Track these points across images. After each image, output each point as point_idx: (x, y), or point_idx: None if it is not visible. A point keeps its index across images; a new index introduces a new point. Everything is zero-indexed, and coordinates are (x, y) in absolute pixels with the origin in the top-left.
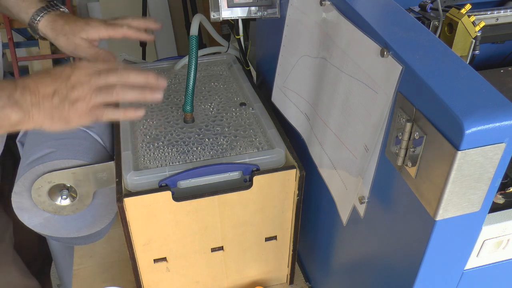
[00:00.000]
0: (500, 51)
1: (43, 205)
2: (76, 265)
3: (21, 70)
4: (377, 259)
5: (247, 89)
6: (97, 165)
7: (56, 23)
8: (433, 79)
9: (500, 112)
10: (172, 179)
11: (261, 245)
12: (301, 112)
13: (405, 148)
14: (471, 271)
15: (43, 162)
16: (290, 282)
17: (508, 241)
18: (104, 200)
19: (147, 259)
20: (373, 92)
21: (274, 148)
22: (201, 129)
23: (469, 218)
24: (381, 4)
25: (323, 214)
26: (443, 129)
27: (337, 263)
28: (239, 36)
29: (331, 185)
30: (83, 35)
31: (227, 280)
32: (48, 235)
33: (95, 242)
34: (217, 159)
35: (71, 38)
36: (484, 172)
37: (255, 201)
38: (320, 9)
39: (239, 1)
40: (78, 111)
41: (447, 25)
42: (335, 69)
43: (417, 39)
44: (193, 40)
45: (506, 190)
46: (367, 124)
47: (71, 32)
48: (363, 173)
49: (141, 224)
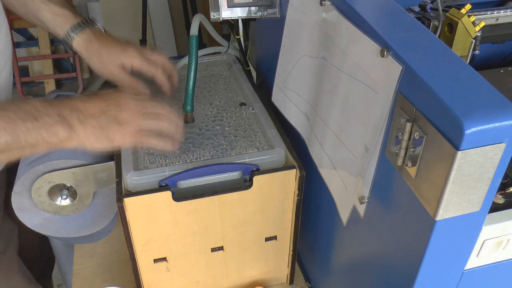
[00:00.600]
0: (500, 51)
1: (43, 205)
2: (76, 265)
3: (21, 70)
4: (377, 259)
5: (247, 89)
6: (97, 165)
7: (91, 43)
8: (433, 79)
9: (500, 112)
10: (172, 179)
11: (261, 245)
12: (301, 112)
13: (405, 148)
14: (471, 271)
15: (43, 162)
16: (290, 282)
17: (508, 241)
18: (104, 200)
19: (147, 259)
20: (373, 92)
21: (274, 148)
22: (201, 129)
23: (469, 218)
24: (381, 4)
25: (323, 214)
26: (443, 129)
27: (337, 263)
28: (239, 36)
29: (331, 185)
30: (118, 62)
31: (227, 280)
32: (48, 235)
33: (95, 242)
34: (217, 159)
35: (106, 64)
36: (484, 172)
37: (255, 201)
38: (320, 9)
39: (239, 1)
40: (124, 132)
41: (447, 25)
42: (335, 69)
43: (417, 39)
44: (193, 40)
45: (506, 190)
46: (367, 124)
47: (106, 57)
48: (363, 173)
49: (141, 224)
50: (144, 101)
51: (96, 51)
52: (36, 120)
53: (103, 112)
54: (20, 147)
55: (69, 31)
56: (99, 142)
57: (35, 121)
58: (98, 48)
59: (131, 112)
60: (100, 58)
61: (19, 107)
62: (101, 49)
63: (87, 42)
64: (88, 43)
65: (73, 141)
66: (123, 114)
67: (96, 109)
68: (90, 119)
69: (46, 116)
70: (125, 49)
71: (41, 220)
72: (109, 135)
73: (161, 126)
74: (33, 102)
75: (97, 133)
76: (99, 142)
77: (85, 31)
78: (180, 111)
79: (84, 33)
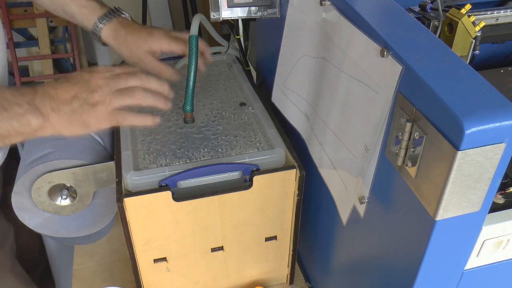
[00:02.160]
0: (500, 51)
1: (43, 205)
2: (76, 265)
3: (21, 70)
4: (377, 259)
5: (247, 89)
6: (97, 165)
7: (118, 32)
8: (433, 79)
9: (500, 112)
10: (172, 179)
11: (261, 245)
12: (301, 112)
13: (405, 148)
14: (471, 271)
15: (43, 162)
16: (290, 282)
17: (508, 241)
18: (104, 200)
19: (147, 259)
20: (373, 92)
21: (274, 148)
22: (201, 129)
23: (469, 218)
24: (381, 4)
25: (323, 214)
26: (443, 129)
27: (337, 263)
28: (239, 36)
29: (331, 185)
30: (145, 47)
31: (227, 280)
32: (48, 235)
33: (95, 242)
34: (217, 159)
35: (134, 51)
36: (484, 172)
37: (255, 201)
38: (320, 9)
39: (239, 1)
40: (98, 114)
41: (447, 25)
42: (335, 69)
43: (417, 39)
44: (193, 40)
45: (506, 190)
46: (367, 124)
47: (133, 44)
48: (363, 173)
49: (141, 224)
50: (116, 78)
51: (123, 39)
52: (5, 111)
53: (74, 97)
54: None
55: (96, 23)
56: (75, 128)
57: (5, 112)
58: (125, 36)
59: (102, 92)
60: (128, 46)
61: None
62: (128, 37)
63: (114, 32)
64: (116, 33)
65: (47, 130)
66: (94, 96)
67: (67, 94)
68: (62, 106)
69: (16, 106)
70: (151, 33)
71: (41, 220)
72: (83, 120)
73: (135, 101)
74: (1, 92)
75: (71, 119)
76: (74, 128)
77: (112, 21)
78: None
79: (111, 23)
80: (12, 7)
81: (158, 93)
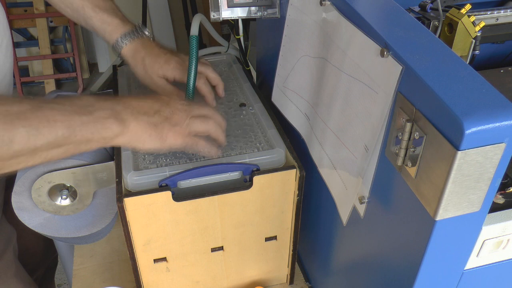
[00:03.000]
0: (500, 51)
1: (43, 205)
2: (76, 265)
3: (21, 70)
4: (377, 259)
5: (247, 89)
6: (97, 165)
7: (137, 53)
8: (433, 79)
9: (500, 112)
10: (172, 179)
11: (261, 245)
12: (301, 112)
13: (405, 148)
14: (471, 271)
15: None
16: (290, 282)
17: (508, 241)
18: (104, 200)
19: (147, 259)
20: (373, 92)
21: (274, 148)
22: None
23: (469, 218)
24: (381, 4)
25: (323, 214)
26: (443, 129)
27: (337, 263)
28: (239, 36)
29: (331, 185)
30: (160, 73)
31: (227, 280)
32: (48, 235)
33: (95, 242)
34: (217, 159)
35: (149, 74)
36: (484, 172)
37: (255, 201)
38: (320, 9)
39: (239, 1)
40: (176, 133)
41: (447, 25)
42: (335, 69)
43: (417, 39)
44: (193, 40)
45: (506, 190)
46: (367, 124)
47: (150, 68)
48: (363, 173)
49: (141, 224)
50: (191, 104)
51: (141, 60)
52: (90, 114)
53: (156, 111)
54: (76, 142)
55: (118, 41)
56: (152, 140)
57: (90, 115)
58: (143, 58)
59: (181, 114)
60: (144, 67)
61: (73, 102)
62: (146, 59)
63: (134, 52)
64: (135, 53)
65: (124, 137)
66: (175, 116)
67: (150, 108)
68: (144, 116)
69: (100, 110)
70: (168, 61)
71: (41, 220)
72: (163, 134)
73: (209, 128)
74: (86, 97)
75: (151, 130)
76: (151, 140)
77: (134, 41)
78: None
79: (133, 43)
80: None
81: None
